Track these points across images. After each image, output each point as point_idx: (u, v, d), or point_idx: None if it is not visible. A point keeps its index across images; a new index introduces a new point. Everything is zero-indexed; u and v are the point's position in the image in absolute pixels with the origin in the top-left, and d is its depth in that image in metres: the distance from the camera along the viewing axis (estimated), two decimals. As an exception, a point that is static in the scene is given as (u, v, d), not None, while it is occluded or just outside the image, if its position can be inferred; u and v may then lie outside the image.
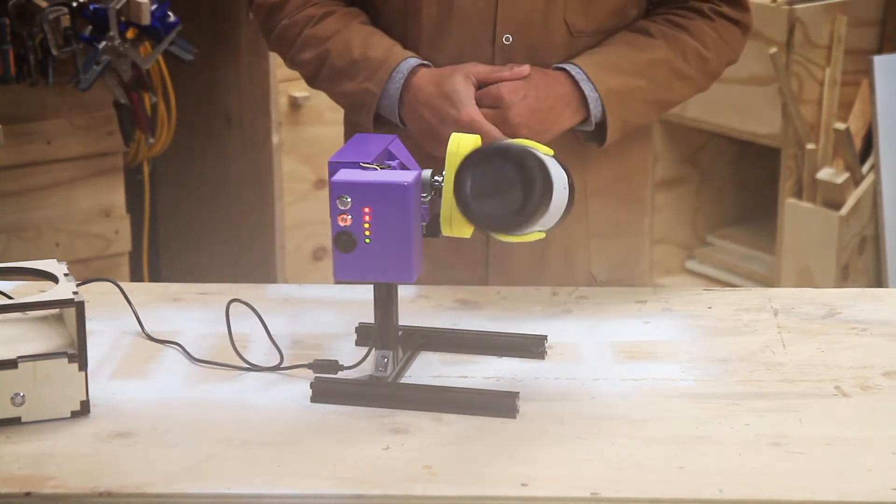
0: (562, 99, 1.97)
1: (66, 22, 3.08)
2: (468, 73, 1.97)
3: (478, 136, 1.70)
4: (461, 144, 1.67)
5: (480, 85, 1.97)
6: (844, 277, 3.67)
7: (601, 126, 2.02)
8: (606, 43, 2.04)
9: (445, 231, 1.70)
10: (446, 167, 1.67)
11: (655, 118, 2.14)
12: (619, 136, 2.03)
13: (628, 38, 2.05)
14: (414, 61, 2.00)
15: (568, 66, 2.00)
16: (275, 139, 3.56)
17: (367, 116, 2.02)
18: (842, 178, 3.65)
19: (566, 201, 1.70)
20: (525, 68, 1.98)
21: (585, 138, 2.05)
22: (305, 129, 3.63)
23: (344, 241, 1.68)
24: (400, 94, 1.99)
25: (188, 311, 1.99)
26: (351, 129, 2.15)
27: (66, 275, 1.76)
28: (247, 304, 1.87)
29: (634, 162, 2.16)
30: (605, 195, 2.13)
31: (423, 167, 1.73)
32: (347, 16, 2.07)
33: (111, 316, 1.95)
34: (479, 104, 1.95)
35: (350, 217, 1.67)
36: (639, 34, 2.05)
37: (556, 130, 1.98)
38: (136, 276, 3.67)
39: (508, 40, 2.02)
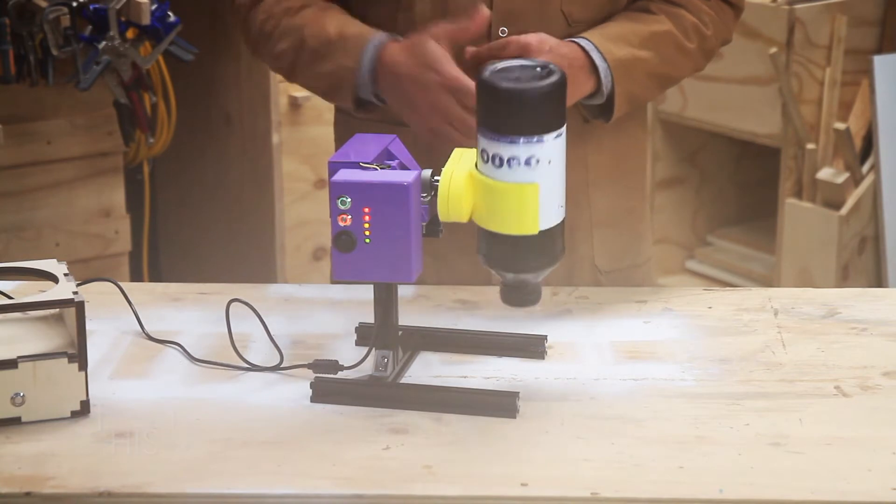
0: (576, 61, 1.97)
1: (66, 22, 3.08)
2: (436, 35, 1.92)
3: (467, 173, 1.69)
4: (451, 186, 1.68)
5: (453, 46, 1.93)
6: (844, 277, 3.67)
7: (608, 100, 2.02)
8: (610, 19, 2.05)
9: (443, 216, 1.69)
10: (438, 203, 1.68)
11: (658, 94, 2.14)
12: (626, 110, 2.03)
13: (630, 14, 2.07)
14: (383, 36, 1.97)
15: (576, 39, 2.00)
16: (275, 139, 3.57)
17: (347, 95, 1.99)
18: (842, 178, 3.65)
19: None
20: (484, 10, 1.92)
21: (591, 114, 2.05)
22: (305, 129, 3.63)
23: (344, 240, 1.68)
24: (374, 70, 1.97)
25: (188, 311, 1.99)
26: (342, 132, 2.15)
27: (66, 275, 1.76)
28: (247, 304, 1.87)
29: (632, 149, 2.17)
30: (605, 184, 2.13)
31: (423, 167, 1.73)
32: (325, 7, 2.06)
33: (111, 316, 1.95)
34: (502, 55, 1.92)
35: (350, 217, 1.67)
36: (639, 11, 2.07)
37: (575, 94, 1.96)
38: (136, 276, 3.67)
39: (504, 33, 2.01)
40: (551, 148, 1.65)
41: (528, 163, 1.64)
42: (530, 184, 1.64)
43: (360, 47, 1.97)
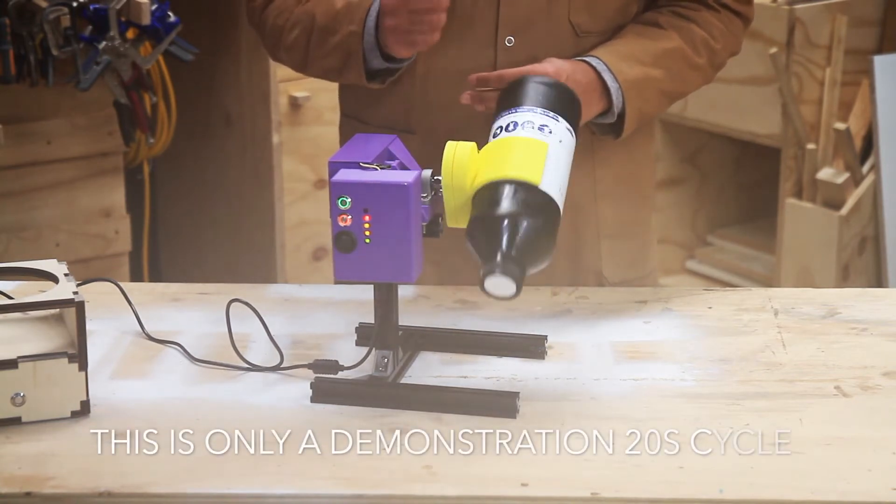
0: (590, 85, 1.97)
1: (66, 22, 3.08)
2: None
3: (473, 144, 1.70)
4: (457, 152, 1.68)
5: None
6: (844, 277, 3.67)
7: (619, 117, 2.01)
8: (620, 35, 2.04)
9: (451, 223, 1.70)
10: (443, 169, 1.68)
11: (666, 109, 2.14)
12: (635, 127, 2.03)
13: (640, 30, 2.05)
14: None
15: (588, 59, 2.00)
16: (275, 139, 3.56)
17: (358, 64, 1.97)
18: (842, 178, 3.65)
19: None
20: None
21: (601, 132, 2.05)
22: (305, 129, 3.63)
23: (344, 241, 1.68)
24: (377, 28, 1.95)
25: (188, 311, 1.99)
26: (347, 132, 2.14)
27: (66, 275, 1.76)
28: (247, 304, 1.87)
29: (640, 160, 2.16)
30: (613, 195, 2.12)
31: (423, 167, 1.73)
32: None
33: (111, 316, 1.95)
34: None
35: (350, 217, 1.67)
36: (649, 26, 2.06)
37: (587, 116, 1.97)
38: (136, 276, 3.67)
39: (511, 42, 2.01)
40: (563, 131, 1.72)
41: (540, 129, 1.71)
42: (541, 140, 1.70)
43: (365, 10, 1.96)
